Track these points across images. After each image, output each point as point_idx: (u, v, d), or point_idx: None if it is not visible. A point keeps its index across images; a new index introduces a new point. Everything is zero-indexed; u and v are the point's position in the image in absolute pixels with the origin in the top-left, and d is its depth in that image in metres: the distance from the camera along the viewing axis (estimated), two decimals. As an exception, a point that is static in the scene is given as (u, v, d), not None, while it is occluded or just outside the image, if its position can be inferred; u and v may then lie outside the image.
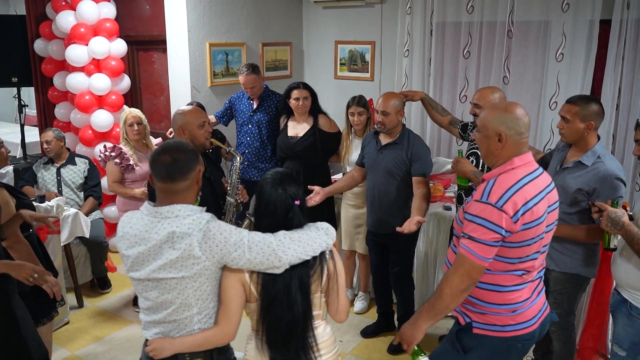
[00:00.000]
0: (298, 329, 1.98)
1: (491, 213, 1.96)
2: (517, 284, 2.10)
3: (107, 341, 3.84)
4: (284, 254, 1.89)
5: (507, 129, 2.05)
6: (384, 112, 3.37)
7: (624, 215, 2.32)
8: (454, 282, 2.02)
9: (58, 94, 5.35)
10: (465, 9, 4.82)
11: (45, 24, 5.19)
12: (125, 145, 4.09)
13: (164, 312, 1.97)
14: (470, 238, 2.00)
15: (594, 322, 3.44)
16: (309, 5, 5.83)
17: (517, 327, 2.12)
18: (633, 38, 4.14)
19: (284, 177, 2.06)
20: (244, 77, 4.24)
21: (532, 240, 2.04)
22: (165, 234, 1.87)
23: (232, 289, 1.94)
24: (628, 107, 4.28)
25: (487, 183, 2.04)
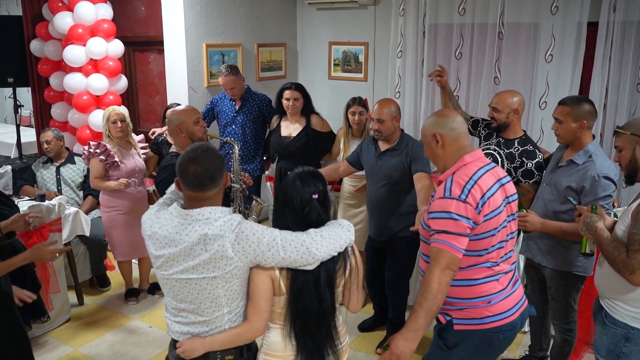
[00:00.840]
0: (326, 320, 2.04)
1: (457, 206, 2.06)
2: (488, 276, 2.18)
3: (109, 337, 3.89)
4: (317, 251, 1.94)
5: (440, 128, 2.22)
6: (379, 120, 3.36)
7: (599, 221, 2.34)
8: (440, 277, 2.04)
9: (54, 94, 5.39)
10: (457, 11, 4.93)
11: (42, 24, 5.22)
12: (109, 143, 4.09)
13: (193, 311, 1.99)
14: (442, 232, 2.06)
15: (583, 314, 3.54)
16: (303, 6, 5.92)
17: (495, 318, 2.19)
18: (619, 39, 4.27)
19: (304, 172, 2.11)
20: (223, 78, 4.31)
21: (494, 230, 2.13)
22: (197, 236, 1.90)
23: (262, 284, 1.98)
24: (615, 106, 4.42)
25: (446, 182, 2.14)
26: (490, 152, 3.34)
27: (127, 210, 4.16)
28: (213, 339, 2.00)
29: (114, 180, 4.09)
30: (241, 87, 4.43)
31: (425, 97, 5.27)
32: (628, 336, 2.27)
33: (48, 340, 3.84)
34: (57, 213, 3.88)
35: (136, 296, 4.42)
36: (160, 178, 3.01)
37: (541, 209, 2.94)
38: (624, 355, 2.30)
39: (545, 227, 2.80)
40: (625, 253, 2.16)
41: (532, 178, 3.20)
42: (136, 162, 4.19)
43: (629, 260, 2.14)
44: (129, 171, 4.11)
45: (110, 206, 4.17)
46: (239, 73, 4.39)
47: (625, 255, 2.15)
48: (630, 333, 2.27)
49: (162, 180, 2.98)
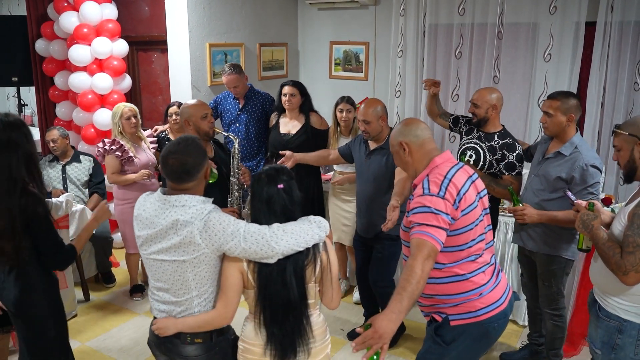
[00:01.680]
0: (294, 310, 2.11)
1: (436, 202, 2.13)
2: (475, 269, 2.26)
3: (116, 333, 3.96)
4: (276, 245, 2.03)
5: (404, 137, 2.33)
6: (365, 121, 3.42)
7: (595, 219, 2.39)
8: (423, 264, 2.03)
9: (59, 93, 5.45)
10: (457, 11, 5.00)
11: (47, 24, 5.28)
12: (122, 139, 4.18)
13: (168, 290, 2.16)
14: (423, 225, 2.10)
15: (582, 308, 3.62)
16: (305, 6, 5.98)
17: (488, 308, 2.27)
18: (617, 39, 4.35)
19: (272, 168, 2.23)
20: (226, 77, 4.37)
21: (472, 224, 2.23)
22: (170, 221, 2.06)
23: (232, 277, 2.11)
24: (612, 105, 4.49)
25: (422, 182, 2.22)
26: (472, 145, 3.49)
27: None
28: (184, 321, 2.15)
29: (128, 174, 4.19)
30: (244, 86, 4.49)
31: (425, 97, 5.31)
32: (621, 328, 2.34)
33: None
34: (64, 210, 3.94)
35: (141, 292, 4.49)
36: None
37: (531, 199, 3.08)
38: (617, 347, 2.36)
39: (542, 218, 2.96)
40: (619, 254, 2.21)
41: (514, 170, 3.36)
42: (148, 156, 4.31)
43: (622, 262, 2.19)
44: (142, 164, 4.21)
45: (125, 199, 4.24)
46: (242, 72, 4.45)
47: (619, 256, 2.20)
48: (623, 325, 2.33)
49: None
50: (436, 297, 2.30)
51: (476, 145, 3.47)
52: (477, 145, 3.46)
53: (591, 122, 4.53)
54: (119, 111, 4.16)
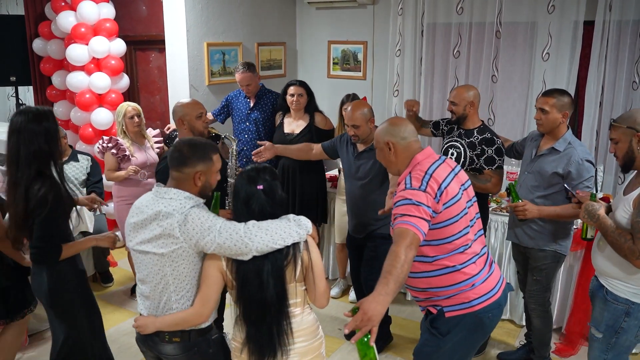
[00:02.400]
0: (271, 310, 2.10)
1: (417, 195, 2.19)
2: (464, 261, 2.30)
3: (114, 332, 3.95)
4: (250, 241, 2.03)
5: (392, 137, 2.36)
6: (354, 126, 3.38)
7: (600, 208, 2.49)
8: (406, 250, 2.06)
9: (57, 92, 5.44)
10: (455, 10, 5.00)
11: (44, 23, 5.27)
12: (124, 138, 4.20)
13: (148, 285, 2.19)
14: (404, 215, 2.15)
15: (580, 307, 3.62)
16: (303, 6, 5.98)
17: (482, 299, 2.31)
18: (615, 38, 4.35)
19: (253, 168, 2.23)
20: (239, 74, 4.36)
21: (457, 216, 2.27)
22: (155, 211, 2.11)
23: (211, 276, 2.13)
24: (611, 104, 4.48)
25: (405, 179, 2.28)
26: (453, 143, 3.54)
27: (134, 200, 4.23)
28: (162, 319, 2.18)
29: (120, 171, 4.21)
30: (256, 85, 4.47)
31: (423, 96, 5.33)
32: (629, 311, 2.45)
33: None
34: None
35: None
36: (158, 167, 3.13)
37: (526, 196, 3.11)
38: (622, 330, 2.48)
39: (542, 213, 3.01)
40: (631, 240, 2.30)
41: (493, 164, 3.40)
42: (148, 156, 4.30)
43: (635, 247, 2.28)
44: (139, 164, 4.22)
45: (120, 196, 4.29)
46: (255, 70, 4.44)
47: (632, 242, 2.29)
48: (631, 308, 2.44)
49: (160, 170, 3.10)
50: (430, 290, 2.33)
51: (457, 142, 3.52)
52: (458, 143, 3.51)
53: (589, 121, 4.52)
54: (123, 110, 4.19)
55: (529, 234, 3.18)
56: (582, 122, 4.58)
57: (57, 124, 2.68)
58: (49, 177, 2.55)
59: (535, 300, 3.26)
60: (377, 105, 5.71)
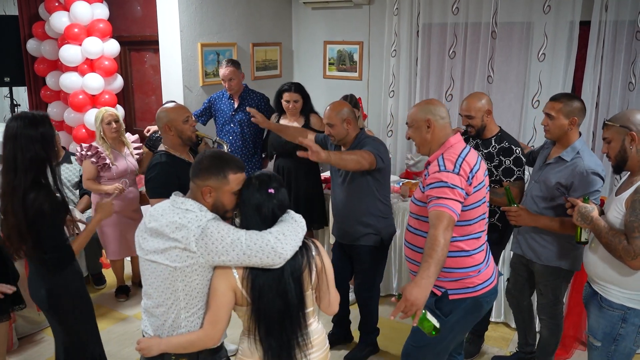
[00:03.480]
0: (291, 319, 2.02)
1: (452, 177, 2.27)
2: (477, 247, 2.42)
3: (104, 335, 3.88)
4: (283, 250, 1.95)
5: (432, 115, 2.45)
6: (329, 124, 3.25)
7: (593, 210, 2.44)
8: (444, 233, 2.18)
9: (51, 93, 5.43)
10: (450, 11, 4.97)
11: (38, 24, 5.26)
12: (102, 144, 4.10)
13: (155, 300, 2.07)
14: (440, 198, 2.25)
15: (574, 310, 3.59)
16: (298, 6, 5.95)
17: (484, 285, 2.44)
18: (611, 39, 4.31)
19: (263, 174, 2.14)
20: (223, 69, 4.32)
21: (480, 201, 2.39)
22: (169, 221, 1.99)
23: (223, 295, 1.99)
24: (607, 105, 4.45)
25: (437, 160, 2.37)
26: None
27: (117, 210, 4.15)
28: (168, 342, 2.05)
29: (104, 181, 4.11)
30: (239, 82, 4.42)
31: (419, 96, 5.29)
32: (625, 317, 2.40)
33: (43, 337, 3.87)
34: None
35: (126, 293, 4.47)
36: (149, 176, 3.02)
37: (530, 206, 2.98)
38: (620, 337, 2.42)
39: (537, 222, 2.90)
40: (625, 240, 2.27)
41: (512, 175, 3.19)
42: (128, 163, 4.20)
43: (630, 247, 2.25)
44: (120, 172, 4.12)
45: None
46: (240, 67, 4.40)
47: (626, 242, 2.27)
48: (627, 314, 2.40)
49: (151, 178, 3.01)
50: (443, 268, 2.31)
51: None
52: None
53: (585, 123, 4.48)
54: (100, 115, 4.08)
55: (533, 248, 3.03)
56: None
57: (54, 129, 2.66)
58: (45, 186, 2.53)
59: (545, 313, 3.15)
60: (373, 106, 5.70)
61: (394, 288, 4.39)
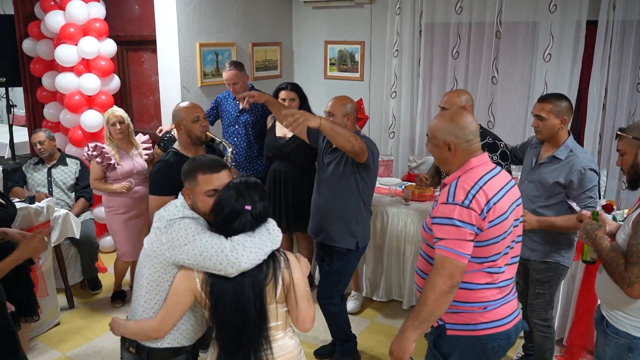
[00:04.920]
0: (250, 332, 1.95)
1: (460, 212, 1.99)
2: (488, 283, 2.10)
3: (99, 342, 3.83)
4: (236, 260, 1.90)
5: (455, 138, 2.10)
6: (329, 113, 3.16)
7: (599, 229, 2.28)
8: (436, 285, 1.98)
9: (47, 94, 5.32)
10: (454, 10, 4.88)
11: (34, 23, 5.15)
12: (110, 145, 4.08)
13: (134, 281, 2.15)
14: (444, 239, 2.00)
15: (581, 319, 3.49)
16: (299, 5, 5.85)
17: (490, 325, 2.11)
18: (619, 39, 4.22)
19: (243, 184, 2.04)
20: (226, 72, 4.23)
21: (499, 237, 2.05)
22: (159, 212, 2.11)
23: (181, 294, 1.99)
24: (614, 107, 4.36)
25: (450, 186, 2.07)
26: None
27: (124, 211, 4.17)
28: (125, 325, 2.10)
29: (111, 182, 4.09)
30: (244, 84, 4.32)
31: (421, 97, 5.21)
32: (631, 346, 2.20)
33: (37, 344, 3.78)
34: (45, 215, 3.82)
35: (122, 299, 4.38)
36: (151, 173, 3.06)
37: (527, 206, 2.93)
38: None
39: (542, 224, 2.86)
40: (623, 265, 2.07)
41: None
42: (135, 164, 4.15)
43: (626, 274, 2.06)
44: (125, 173, 4.09)
45: (109, 206, 4.19)
46: (244, 69, 4.30)
47: (623, 267, 2.07)
48: (633, 343, 2.19)
49: (152, 175, 3.04)
50: None
51: None
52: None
53: (592, 124, 4.39)
54: (106, 116, 4.09)
55: (528, 245, 3.00)
56: (584, 125, 4.45)
57: None
58: None
59: (538, 315, 3.10)
60: (375, 107, 5.60)
61: (396, 295, 4.30)
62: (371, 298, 4.35)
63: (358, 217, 3.25)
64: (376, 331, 3.92)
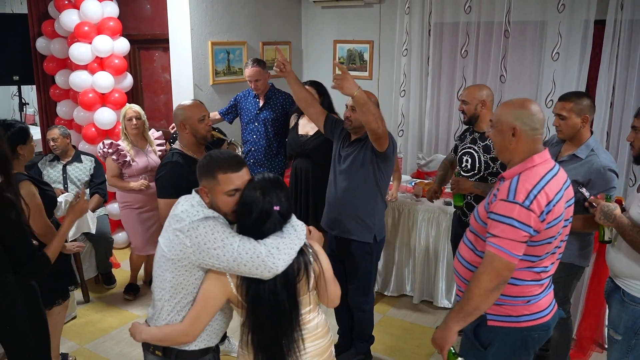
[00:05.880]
0: (283, 328, 2.00)
1: (519, 213, 1.96)
2: (534, 279, 2.12)
3: (115, 335, 3.90)
4: (273, 265, 1.90)
5: (522, 124, 2.06)
6: (353, 108, 3.11)
7: (616, 209, 2.40)
8: (482, 282, 2.00)
9: (60, 92, 5.39)
10: (463, 9, 4.93)
11: (48, 22, 5.22)
12: (124, 141, 4.16)
13: (153, 285, 2.10)
14: (499, 237, 1.99)
15: (591, 312, 3.55)
16: (308, 4, 5.92)
17: (532, 317, 2.13)
18: (626, 38, 4.27)
19: (267, 181, 2.03)
20: (249, 69, 4.28)
21: (552, 238, 2.07)
22: (174, 213, 2.03)
23: (214, 299, 1.98)
24: (622, 105, 4.41)
25: (511, 182, 2.04)
26: (467, 150, 3.40)
27: (138, 206, 4.28)
28: (149, 331, 2.07)
29: (126, 178, 4.19)
30: (265, 82, 4.37)
31: (430, 96, 5.26)
32: None
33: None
34: (63, 210, 3.87)
35: (135, 292, 4.45)
36: (159, 175, 2.97)
37: None
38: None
39: None
40: None
41: None
42: (149, 160, 4.24)
43: None
44: (140, 169, 4.18)
45: (123, 202, 4.28)
46: (266, 67, 4.36)
47: None
48: None
49: (160, 177, 2.96)
50: None
51: (470, 149, 3.38)
52: (472, 149, 3.37)
53: (600, 122, 4.44)
54: (124, 112, 4.18)
55: None
56: (592, 123, 4.50)
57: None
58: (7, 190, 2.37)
59: None
60: (384, 106, 5.59)
61: (407, 290, 4.36)
62: (382, 293, 4.42)
63: (375, 209, 3.25)
64: (388, 325, 3.97)
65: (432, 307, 4.24)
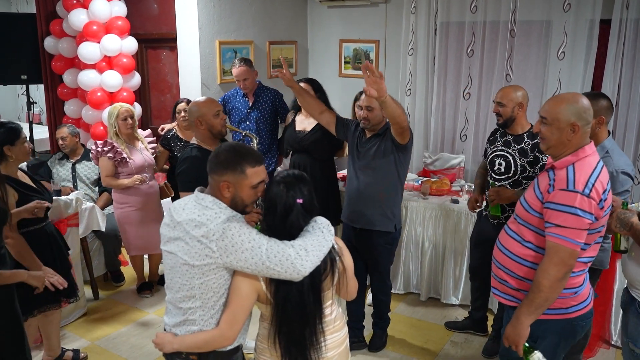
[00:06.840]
0: (310, 325, 2.02)
1: (582, 201, 2.03)
2: (581, 270, 2.18)
3: (125, 332, 3.93)
4: (302, 267, 1.90)
5: (579, 119, 2.12)
6: (368, 108, 3.23)
7: (633, 216, 2.31)
8: (550, 273, 2.05)
9: (68, 91, 5.43)
10: (469, 9, 4.96)
11: (56, 21, 5.26)
12: (117, 140, 4.10)
13: (175, 293, 2.04)
14: (562, 227, 2.04)
15: (597, 309, 3.53)
16: (314, 4, 5.95)
17: (579, 307, 2.21)
18: (632, 37, 4.30)
19: (290, 176, 2.05)
20: (236, 69, 4.33)
21: (602, 226, 2.15)
22: (189, 217, 1.96)
23: (247, 297, 1.98)
24: (627, 104, 4.43)
25: (567, 172, 2.09)
26: (499, 152, 3.30)
27: (139, 207, 4.22)
28: (182, 340, 2.01)
29: (124, 177, 4.13)
30: (253, 80, 4.42)
31: (436, 95, 5.29)
32: None
33: (65, 333, 3.87)
34: (74, 208, 3.91)
35: (150, 289, 4.47)
36: (180, 169, 3.06)
37: None
38: None
39: None
40: None
41: None
42: (145, 158, 4.21)
43: None
44: (137, 167, 4.15)
45: (123, 203, 4.22)
46: (252, 66, 4.40)
47: None
48: None
49: (182, 172, 3.04)
50: (527, 281, 2.21)
51: (503, 152, 3.28)
52: (505, 152, 3.27)
53: (605, 122, 4.47)
54: (115, 112, 4.08)
55: None
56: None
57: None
58: None
59: None
60: (389, 105, 5.68)
61: (414, 286, 4.39)
62: (389, 290, 4.44)
63: (396, 199, 3.38)
64: (397, 322, 4.00)
65: (439, 304, 4.27)
